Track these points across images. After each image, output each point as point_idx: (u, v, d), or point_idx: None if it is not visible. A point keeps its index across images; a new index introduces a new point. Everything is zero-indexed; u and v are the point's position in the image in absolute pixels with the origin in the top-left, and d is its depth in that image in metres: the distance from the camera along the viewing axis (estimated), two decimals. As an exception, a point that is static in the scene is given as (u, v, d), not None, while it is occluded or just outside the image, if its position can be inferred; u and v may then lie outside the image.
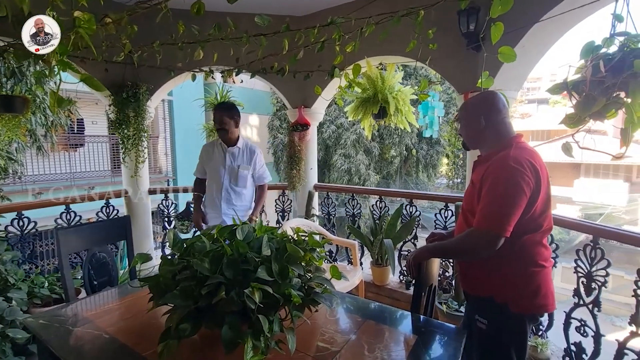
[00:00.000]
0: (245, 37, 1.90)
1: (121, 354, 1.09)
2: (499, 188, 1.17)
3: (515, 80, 2.28)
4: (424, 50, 2.02)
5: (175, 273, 1.08)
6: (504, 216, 1.14)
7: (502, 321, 1.25)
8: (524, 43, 2.04)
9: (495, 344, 1.28)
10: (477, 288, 1.34)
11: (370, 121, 2.84)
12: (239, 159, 2.38)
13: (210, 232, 1.23)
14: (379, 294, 2.91)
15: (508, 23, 1.97)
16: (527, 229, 1.20)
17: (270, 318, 0.97)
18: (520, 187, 1.14)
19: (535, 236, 1.22)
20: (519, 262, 1.23)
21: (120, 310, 1.39)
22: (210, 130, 3.36)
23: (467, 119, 1.36)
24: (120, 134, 2.83)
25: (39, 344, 1.33)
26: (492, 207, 1.17)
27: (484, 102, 1.34)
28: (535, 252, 1.23)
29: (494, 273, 1.26)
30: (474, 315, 1.32)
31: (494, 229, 1.14)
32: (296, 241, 1.22)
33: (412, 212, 2.86)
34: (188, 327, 0.95)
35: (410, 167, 12.99)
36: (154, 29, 1.96)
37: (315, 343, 1.15)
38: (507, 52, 1.56)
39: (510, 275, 1.23)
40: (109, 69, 2.65)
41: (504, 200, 1.15)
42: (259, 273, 0.99)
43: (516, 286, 1.23)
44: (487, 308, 1.28)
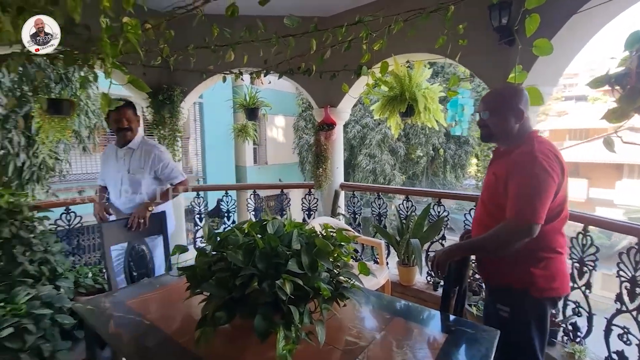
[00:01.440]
0: (274, 38, 1.95)
1: (160, 340, 1.16)
2: (529, 179, 1.21)
3: (550, 75, 2.18)
4: (454, 47, 1.99)
5: (210, 264, 1.14)
6: (537, 204, 1.19)
7: (524, 307, 1.29)
8: (560, 36, 1.95)
9: (518, 330, 1.30)
10: (497, 277, 1.38)
11: (397, 120, 2.82)
12: (132, 161, 2.13)
13: (242, 227, 1.28)
14: (405, 294, 2.87)
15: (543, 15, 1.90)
16: (549, 218, 1.24)
17: (301, 310, 0.99)
18: (550, 176, 1.20)
19: (555, 224, 1.28)
20: (540, 249, 1.27)
21: (158, 299, 1.47)
22: (239, 131, 3.45)
23: (501, 111, 1.35)
24: (157, 134, 2.99)
25: (86, 328, 1.44)
26: (524, 197, 1.21)
27: (518, 96, 1.34)
28: (555, 239, 1.29)
29: (514, 261, 1.29)
30: (495, 304, 1.35)
31: (531, 218, 1.19)
32: (325, 237, 1.24)
33: (440, 212, 2.80)
34: (223, 316, 0.99)
35: (437, 167, 12.69)
36: (188, 33, 2.05)
37: (344, 337, 1.17)
38: (542, 44, 1.51)
39: (532, 262, 1.27)
40: (146, 72, 2.81)
41: (536, 190, 1.20)
42: (289, 265, 1.02)
43: (537, 272, 1.27)
44: (508, 296, 1.32)
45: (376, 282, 2.48)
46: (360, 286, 1.20)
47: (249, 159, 11.38)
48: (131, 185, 2.12)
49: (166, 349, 1.11)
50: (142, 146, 2.17)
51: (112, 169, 2.15)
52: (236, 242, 1.15)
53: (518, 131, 1.34)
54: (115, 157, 2.15)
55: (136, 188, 2.13)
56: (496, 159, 1.41)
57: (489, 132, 1.39)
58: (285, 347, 0.90)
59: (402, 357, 1.06)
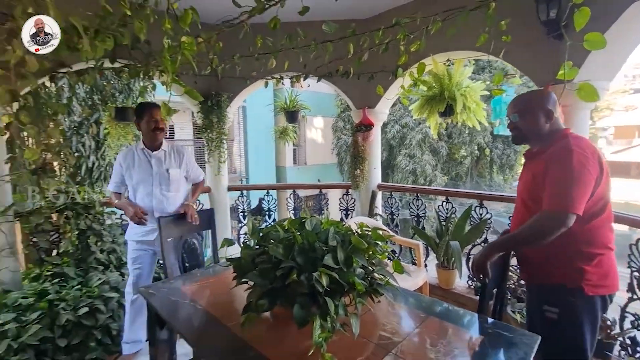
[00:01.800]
0: (313, 44, 2.04)
1: (210, 323, 1.29)
2: (566, 171, 1.22)
3: (607, 68, 2.02)
4: (496, 43, 1.92)
5: (254, 257, 1.24)
6: (574, 194, 1.19)
7: (576, 306, 1.27)
8: (617, 27, 1.81)
9: (568, 331, 1.28)
10: (544, 277, 1.34)
11: (436, 119, 2.78)
12: (167, 162, 2.17)
13: (283, 224, 1.37)
14: (444, 297, 2.81)
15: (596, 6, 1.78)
16: (595, 212, 1.25)
17: (336, 302, 1.06)
18: (586, 168, 1.21)
19: (603, 219, 1.27)
20: (591, 246, 1.26)
21: (208, 288, 1.62)
22: (280, 133, 3.60)
23: (530, 114, 1.38)
24: (206, 137, 3.23)
25: (148, 309, 1.63)
26: (560, 187, 1.22)
27: (545, 98, 1.38)
28: (604, 234, 1.28)
29: (565, 259, 1.28)
30: (541, 305, 1.32)
31: (566, 208, 1.19)
32: (360, 235, 1.29)
33: (482, 214, 2.71)
34: (266, 303, 1.09)
35: (483, 168, 12.05)
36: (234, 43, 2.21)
37: (378, 332, 1.21)
38: (594, 38, 1.42)
39: (584, 259, 1.26)
40: (197, 81, 3.06)
41: (573, 181, 1.20)
42: (325, 260, 1.09)
43: (589, 269, 1.25)
44: (558, 296, 1.29)
45: (413, 283, 2.46)
46: (395, 284, 1.24)
47: (288, 159, 11.68)
48: (171, 184, 2.14)
49: (215, 331, 1.24)
50: (171, 147, 2.23)
51: (144, 171, 2.11)
52: (277, 237, 1.25)
53: (549, 131, 1.36)
54: (146, 159, 2.13)
55: (176, 187, 2.17)
56: (532, 160, 1.43)
57: (520, 135, 1.42)
58: (321, 335, 0.97)
59: (435, 355, 1.08)
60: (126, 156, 2.13)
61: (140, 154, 2.13)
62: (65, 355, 1.93)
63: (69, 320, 1.96)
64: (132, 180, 2.11)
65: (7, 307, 1.95)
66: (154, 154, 2.13)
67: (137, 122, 2.13)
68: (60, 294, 2.11)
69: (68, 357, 1.93)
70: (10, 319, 1.84)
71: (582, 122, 2.14)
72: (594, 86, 1.46)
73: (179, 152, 2.25)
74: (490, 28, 1.67)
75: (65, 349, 1.92)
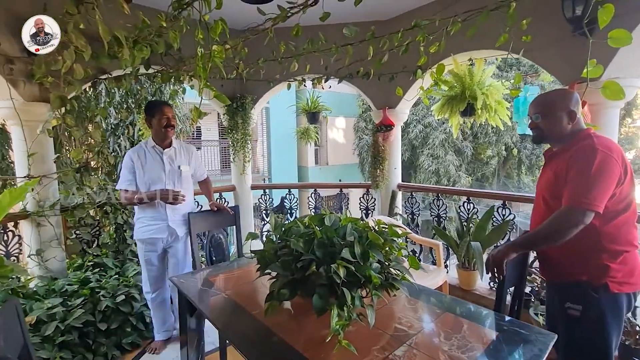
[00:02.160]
0: (334, 48, 2.11)
1: (236, 310, 1.39)
2: (589, 168, 1.22)
3: (637, 65, 1.95)
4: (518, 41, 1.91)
5: (276, 250, 1.33)
6: (594, 192, 1.19)
7: (600, 304, 1.25)
8: (649, 22, 1.75)
9: (592, 328, 1.27)
10: (567, 274, 1.33)
11: (457, 119, 2.77)
12: (178, 159, 2.17)
13: (303, 220, 1.45)
14: (465, 298, 2.78)
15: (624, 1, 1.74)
16: (620, 209, 1.25)
17: (353, 293, 1.12)
18: (609, 167, 1.21)
19: (626, 217, 1.27)
20: (617, 243, 1.26)
21: (234, 278, 1.73)
22: (302, 134, 3.70)
23: (552, 115, 1.37)
24: (231, 138, 3.38)
25: (179, 297, 1.76)
26: (581, 184, 1.22)
27: (568, 98, 1.37)
28: (630, 232, 1.28)
29: (590, 256, 1.27)
30: (563, 303, 1.31)
31: (586, 205, 1.19)
32: (377, 231, 1.35)
33: (505, 214, 2.67)
34: (287, 292, 1.17)
35: (511, 168, 11.65)
36: (258, 48, 2.32)
37: (394, 325, 1.26)
38: (619, 35, 1.40)
39: (609, 256, 1.25)
40: (224, 84, 3.21)
41: (594, 178, 1.20)
42: (343, 253, 1.15)
43: (615, 267, 1.24)
44: (581, 292, 1.28)
45: (433, 282, 2.48)
46: (411, 279, 1.28)
47: (310, 159, 11.81)
48: (183, 181, 2.15)
49: (241, 317, 1.33)
50: (180, 144, 2.22)
51: (156, 168, 2.09)
52: (298, 232, 1.32)
53: (570, 131, 1.36)
54: (158, 157, 2.11)
55: (187, 184, 2.18)
56: (553, 159, 1.42)
57: (541, 134, 1.41)
58: (338, 323, 1.03)
59: (448, 348, 1.12)
60: (137, 153, 2.09)
61: (151, 151, 2.11)
62: (105, 338, 2.10)
63: (108, 307, 2.14)
64: (144, 177, 2.07)
65: (55, 292, 2.16)
66: (165, 151, 2.12)
67: (148, 120, 2.11)
68: (101, 282, 2.30)
69: (107, 340, 2.11)
70: (57, 303, 2.03)
71: (610, 121, 2.08)
72: (619, 84, 1.44)
73: (188, 149, 2.25)
74: (510, 28, 1.68)
75: (105, 333, 2.09)
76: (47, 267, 2.32)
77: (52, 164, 2.34)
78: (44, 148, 2.30)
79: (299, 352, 1.09)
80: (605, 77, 1.97)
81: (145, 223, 2.11)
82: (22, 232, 2.34)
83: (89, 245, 2.62)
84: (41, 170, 2.27)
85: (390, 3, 2.86)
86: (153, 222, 2.10)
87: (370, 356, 1.07)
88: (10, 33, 2.06)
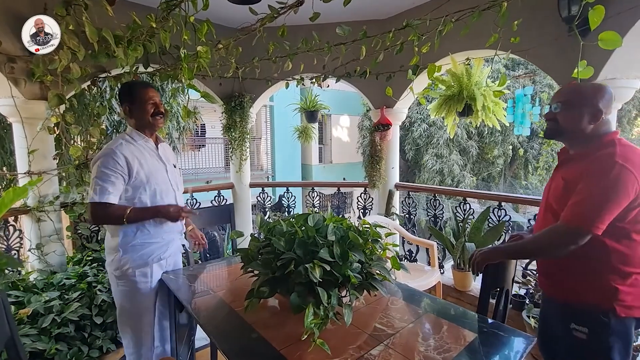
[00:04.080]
0: (327, 47, 2.12)
1: (220, 306, 1.41)
2: (601, 184, 1.10)
3: (635, 66, 1.92)
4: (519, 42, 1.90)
5: (260, 248, 1.35)
6: (599, 212, 1.09)
7: (608, 327, 1.17)
8: (646, 22, 1.72)
9: (599, 353, 1.19)
10: (573, 293, 1.23)
11: (454, 119, 2.75)
12: (171, 156, 1.77)
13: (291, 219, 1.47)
14: (460, 299, 2.79)
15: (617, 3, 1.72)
16: (635, 229, 1.14)
17: (330, 292, 1.13)
18: (625, 186, 1.08)
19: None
20: (628, 263, 1.15)
21: (223, 276, 1.76)
22: (301, 132, 3.71)
23: (575, 106, 1.21)
24: (229, 136, 3.41)
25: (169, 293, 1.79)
26: (587, 202, 1.12)
27: (600, 94, 1.20)
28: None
29: (598, 277, 1.18)
30: (568, 323, 1.22)
31: (585, 226, 1.10)
32: (360, 231, 1.36)
33: (501, 216, 2.65)
34: (266, 290, 1.19)
35: (518, 168, 11.50)
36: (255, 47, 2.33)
37: (373, 324, 1.27)
38: (609, 37, 1.38)
39: (618, 278, 1.16)
40: (222, 83, 3.24)
41: (603, 197, 1.09)
42: (321, 253, 1.16)
43: (624, 289, 1.15)
44: (588, 315, 1.20)
45: (426, 283, 2.48)
46: (392, 279, 1.29)
47: (314, 158, 11.82)
48: (180, 182, 1.77)
49: (225, 314, 1.36)
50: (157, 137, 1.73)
51: (158, 169, 1.63)
52: (281, 231, 1.34)
53: (591, 133, 1.20)
54: (155, 154, 1.65)
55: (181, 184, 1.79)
56: (566, 163, 1.28)
57: (555, 128, 1.26)
58: (312, 322, 1.05)
59: (425, 348, 1.12)
60: (129, 149, 1.53)
61: (145, 147, 1.61)
62: (101, 331, 2.15)
63: (104, 301, 2.19)
64: (147, 181, 1.55)
65: (53, 286, 2.21)
66: (159, 147, 1.68)
67: (126, 107, 1.58)
68: (98, 277, 2.35)
69: (103, 333, 2.16)
70: (55, 297, 2.09)
71: (608, 123, 2.04)
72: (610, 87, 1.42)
73: (168, 146, 1.80)
74: (501, 28, 1.66)
75: (101, 326, 2.14)
76: (47, 261, 2.38)
77: (52, 160, 2.40)
78: (45, 145, 2.35)
79: (276, 349, 1.11)
80: (601, 78, 1.94)
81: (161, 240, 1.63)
82: (22, 227, 2.41)
83: (89, 240, 2.68)
84: (42, 166, 2.33)
85: (388, 2, 2.85)
86: (160, 237, 1.63)
87: (346, 355, 1.08)
88: (12, 32, 2.11)
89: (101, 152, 1.53)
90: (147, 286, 1.62)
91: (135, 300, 1.61)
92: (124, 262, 1.56)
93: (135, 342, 1.65)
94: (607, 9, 1.44)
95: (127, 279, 1.59)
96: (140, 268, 1.59)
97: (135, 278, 1.59)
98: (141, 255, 1.59)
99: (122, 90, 1.62)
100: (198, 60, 1.24)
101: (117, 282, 1.61)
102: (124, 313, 1.65)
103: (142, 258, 1.59)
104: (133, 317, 1.63)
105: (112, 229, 1.58)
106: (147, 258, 1.60)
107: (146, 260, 1.60)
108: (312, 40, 2.08)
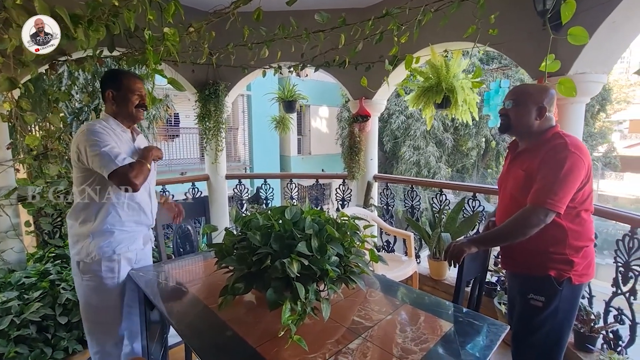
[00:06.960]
0: (304, 33, 2.05)
1: (193, 304, 1.35)
2: (559, 169, 1.26)
3: (603, 61, 1.98)
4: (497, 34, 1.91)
5: (235, 242, 1.30)
6: (561, 193, 1.25)
7: (562, 295, 1.33)
8: (614, 18, 1.77)
9: (552, 317, 1.35)
10: (534, 268, 1.38)
11: (432, 111, 2.77)
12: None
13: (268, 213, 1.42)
14: (435, 287, 2.86)
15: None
16: (583, 208, 1.32)
17: (308, 287, 1.10)
18: (579, 170, 1.26)
19: (589, 214, 1.36)
20: (581, 239, 1.33)
21: (196, 271, 1.69)
22: (278, 122, 3.63)
23: (523, 106, 1.38)
24: (203, 126, 3.27)
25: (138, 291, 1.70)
26: (549, 185, 1.27)
27: (544, 94, 1.38)
28: (590, 228, 1.37)
29: (558, 252, 1.33)
30: (526, 294, 1.38)
31: (549, 205, 1.25)
32: (338, 224, 1.33)
33: (475, 206, 2.72)
34: (242, 287, 1.15)
35: (490, 160, 11.93)
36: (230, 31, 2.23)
37: (352, 317, 1.26)
38: (577, 33, 1.42)
39: (574, 252, 1.32)
40: (195, 69, 3.09)
41: (562, 179, 1.25)
42: (298, 247, 1.13)
43: (578, 260, 1.32)
44: (546, 286, 1.35)
45: (403, 273, 2.51)
46: (369, 272, 1.28)
47: (293, 149, 11.71)
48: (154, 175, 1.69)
49: (198, 311, 1.30)
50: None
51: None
52: (257, 224, 1.29)
53: (537, 128, 1.38)
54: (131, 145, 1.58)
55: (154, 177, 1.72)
56: (521, 156, 1.43)
57: (507, 123, 1.42)
58: (289, 318, 1.02)
59: (402, 340, 1.12)
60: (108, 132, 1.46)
61: (121, 135, 1.53)
62: (66, 332, 2.03)
63: (69, 300, 2.06)
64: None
65: (11, 285, 2.06)
66: (137, 138, 1.62)
67: (110, 93, 1.50)
68: (62, 274, 2.21)
69: (68, 334, 2.04)
70: (13, 297, 1.94)
71: (576, 116, 2.12)
72: (572, 82, 1.48)
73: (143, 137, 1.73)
74: (479, 20, 1.66)
75: (65, 326, 2.02)
76: (4, 259, 2.21)
77: (6, 150, 2.21)
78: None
79: (251, 346, 1.07)
80: (572, 72, 2.00)
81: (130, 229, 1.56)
82: (-26, 223, 2.22)
83: (51, 236, 2.51)
84: (-6, 156, 2.14)
85: (368, -10, 2.81)
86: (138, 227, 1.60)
87: (324, 350, 1.06)
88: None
89: (78, 132, 1.45)
90: (114, 282, 1.55)
91: (101, 296, 1.54)
92: (92, 249, 1.49)
93: (98, 341, 1.59)
94: (578, 4, 1.48)
95: (92, 273, 1.52)
96: (107, 262, 1.52)
97: (102, 273, 1.52)
98: (109, 243, 1.52)
99: (109, 76, 1.56)
100: (165, 43, 1.15)
101: (81, 277, 1.54)
102: (88, 309, 1.58)
103: (109, 245, 1.52)
104: (98, 314, 1.57)
105: (87, 213, 1.50)
106: (116, 246, 1.53)
107: (114, 249, 1.52)
108: (289, 26, 2.00)
